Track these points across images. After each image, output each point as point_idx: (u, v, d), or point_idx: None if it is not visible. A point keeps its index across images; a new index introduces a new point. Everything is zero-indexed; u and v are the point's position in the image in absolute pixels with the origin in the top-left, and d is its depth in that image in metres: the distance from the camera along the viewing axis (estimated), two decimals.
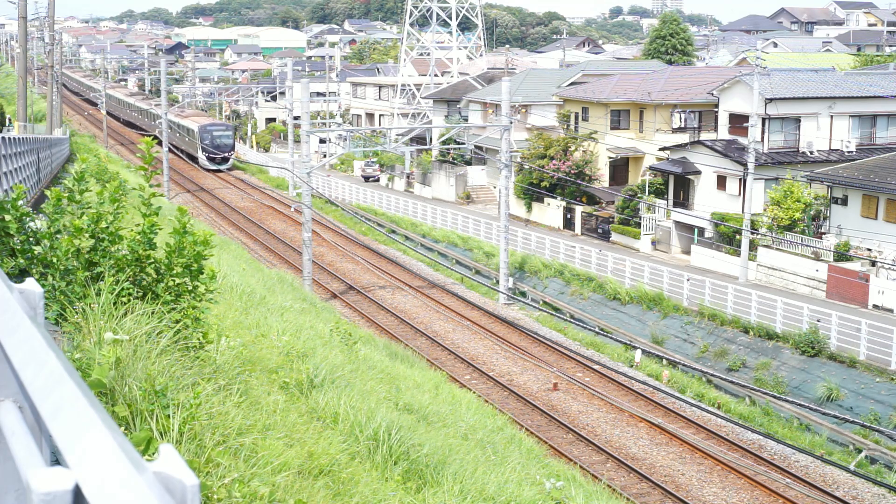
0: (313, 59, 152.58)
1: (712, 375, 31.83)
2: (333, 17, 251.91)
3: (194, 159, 79.91)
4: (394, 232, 56.32)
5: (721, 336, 36.43)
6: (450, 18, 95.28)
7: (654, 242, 51.36)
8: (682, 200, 50.92)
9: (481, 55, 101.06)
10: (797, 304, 36.22)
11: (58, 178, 28.90)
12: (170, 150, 68.28)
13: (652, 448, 27.17)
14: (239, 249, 33.90)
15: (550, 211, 58.46)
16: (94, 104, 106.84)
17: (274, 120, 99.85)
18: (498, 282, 44.98)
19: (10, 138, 16.94)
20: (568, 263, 46.08)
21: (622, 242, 52.43)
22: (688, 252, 48.84)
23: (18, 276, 7.12)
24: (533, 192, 56.90)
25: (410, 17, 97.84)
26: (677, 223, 50.45)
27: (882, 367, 31.27)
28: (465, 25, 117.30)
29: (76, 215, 8.00)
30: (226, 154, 78.95)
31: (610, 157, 58.45)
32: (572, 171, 55.79)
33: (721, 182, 48.36)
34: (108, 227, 7.59)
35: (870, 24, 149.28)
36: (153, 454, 3.79)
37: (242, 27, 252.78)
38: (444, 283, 46.30)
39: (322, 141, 77.87)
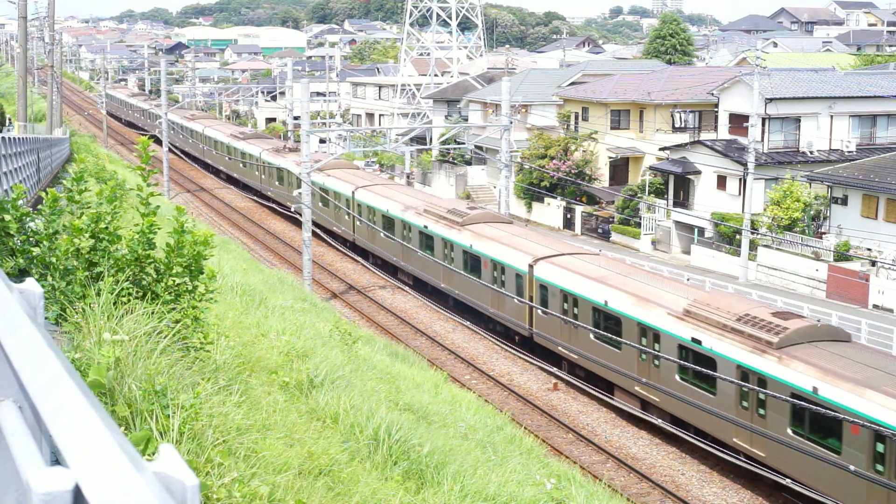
0: (313, 59, 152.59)
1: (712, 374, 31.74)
2: (333, 17, 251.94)
3: None
4: None
5: None
6: (450, 18, 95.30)
7: (654, 242, 51.36)
8: (682, 200, 50.92)
9: (481, 55, 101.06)
10: (797, 303, 36.20)
11: (58, 177, 28.90)
12: None
13: (652, 448, 27.15)
14: (239, 249, 33.89)
15: (550, 211, 58.46)
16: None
17: (274, 120, 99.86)
18: None
19: (10, 138, 16.94)
20: None
21: (622, 242, 52.44)
22: (688, 252, 48.84)
23: (18, 276, 7.12)
24: (533, 191, 56.91)
25: (410, 17, 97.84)
26: (677, 223, 50.45)
27: None
28: (465, 25, 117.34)
29: (76, 215, 8.00)
30: None
31: (610, 157, 58.45)
32: (572, 171, 55.80)
33: (721, 182, 48.36)
34: (107, 227, 7.59)
35: (870, 24, 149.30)
36: (153, 454, 3.79)
37: (242, 27, 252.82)
38: None
39: (322, 141, 77.84)
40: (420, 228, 39.97)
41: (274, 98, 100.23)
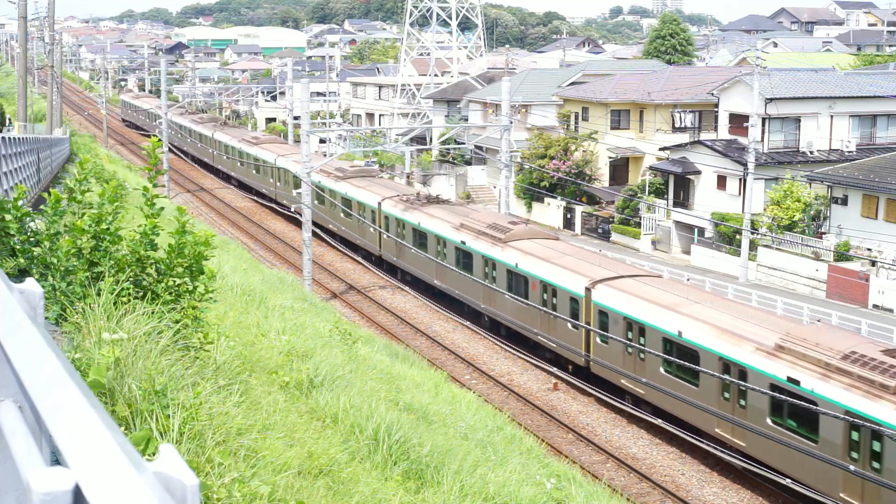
0: (313, 59, 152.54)
1: (712, 374, 31.73)
2: (333, 17, 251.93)
3: None
4: None
5: None
6: (450, 18, 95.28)
7: (654, 242, 51.35)
8: (682, 200, 50.92)
9: (481, 55, 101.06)
10: (797, 303, 36.20)
11: (58, 177, 28.89)
12: None
13: (652, 448, 27.14)
14: (239, 249, 33.88)
15: (550, 211, 58.45)
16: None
17: (274, 120, 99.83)
18: None
19: (10, 138, 16.94)
20: None
21: (622, 242, 52.43)
22: (688, 252, 48.83)
23: (18, 276, 7.12)
24: (533, 191, 56.91)
25: (410, 17, 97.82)
26: (677, 223, 50.44)
27: None
28: (465, 25, 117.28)
29: (77, 215, 8.00)
30: None
31: (610, 157, 58.45)
32: (572, 171, 55.79)
33: (721, 182, 48.36)
34: (108, 228, 7.58)
35: (870, 24, 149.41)
36: (153, 454, 3.79)
37: (242, 27, 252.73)
38: None
39: (322, 141, 77.84)
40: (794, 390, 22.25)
41: (274, 98, 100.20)
